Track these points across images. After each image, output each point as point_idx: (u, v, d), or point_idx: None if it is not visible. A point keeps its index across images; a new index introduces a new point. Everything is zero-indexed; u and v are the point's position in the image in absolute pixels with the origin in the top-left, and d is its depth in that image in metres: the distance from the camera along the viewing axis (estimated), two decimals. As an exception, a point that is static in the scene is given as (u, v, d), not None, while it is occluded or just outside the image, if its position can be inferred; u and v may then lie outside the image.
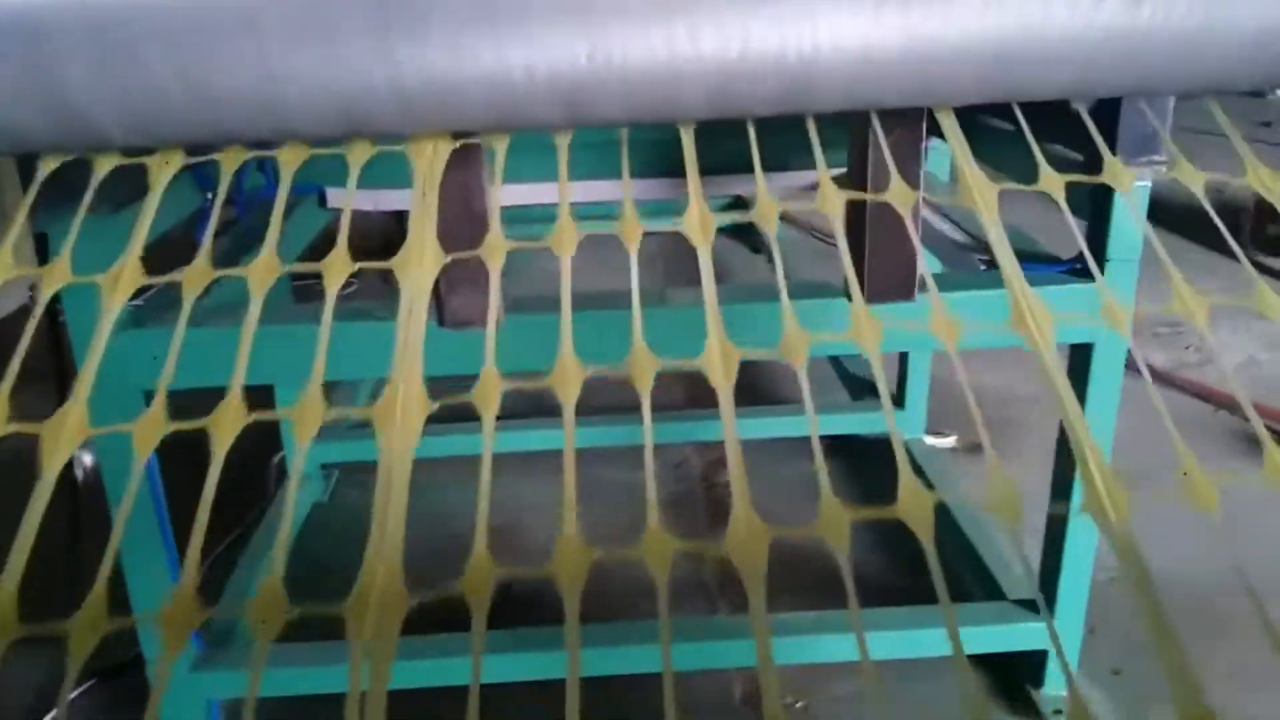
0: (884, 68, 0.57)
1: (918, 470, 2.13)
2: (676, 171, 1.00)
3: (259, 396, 0.77)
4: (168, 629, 0.54)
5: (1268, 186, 0.77)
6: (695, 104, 0.58)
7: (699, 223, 0.64)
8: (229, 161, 0.85)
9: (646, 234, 0.73)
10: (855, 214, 0.74)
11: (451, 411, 0.71)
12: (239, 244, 1.61)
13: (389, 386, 0.63)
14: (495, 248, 0.64)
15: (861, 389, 2.51)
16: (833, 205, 0.63)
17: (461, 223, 0.62)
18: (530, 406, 1.85)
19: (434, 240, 0.59)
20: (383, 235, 1.99)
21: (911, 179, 0.66)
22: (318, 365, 0.70)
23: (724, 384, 0.61)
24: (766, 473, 2.28)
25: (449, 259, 0.60)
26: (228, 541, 1.99)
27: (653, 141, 1.13)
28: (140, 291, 0.81)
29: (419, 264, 0.60)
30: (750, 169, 1.00)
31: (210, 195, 1.64)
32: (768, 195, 0.64)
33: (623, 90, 0.56)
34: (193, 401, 0.76)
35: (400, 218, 2.89)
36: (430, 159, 0.61)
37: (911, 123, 0.69)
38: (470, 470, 0.64)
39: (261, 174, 1.83)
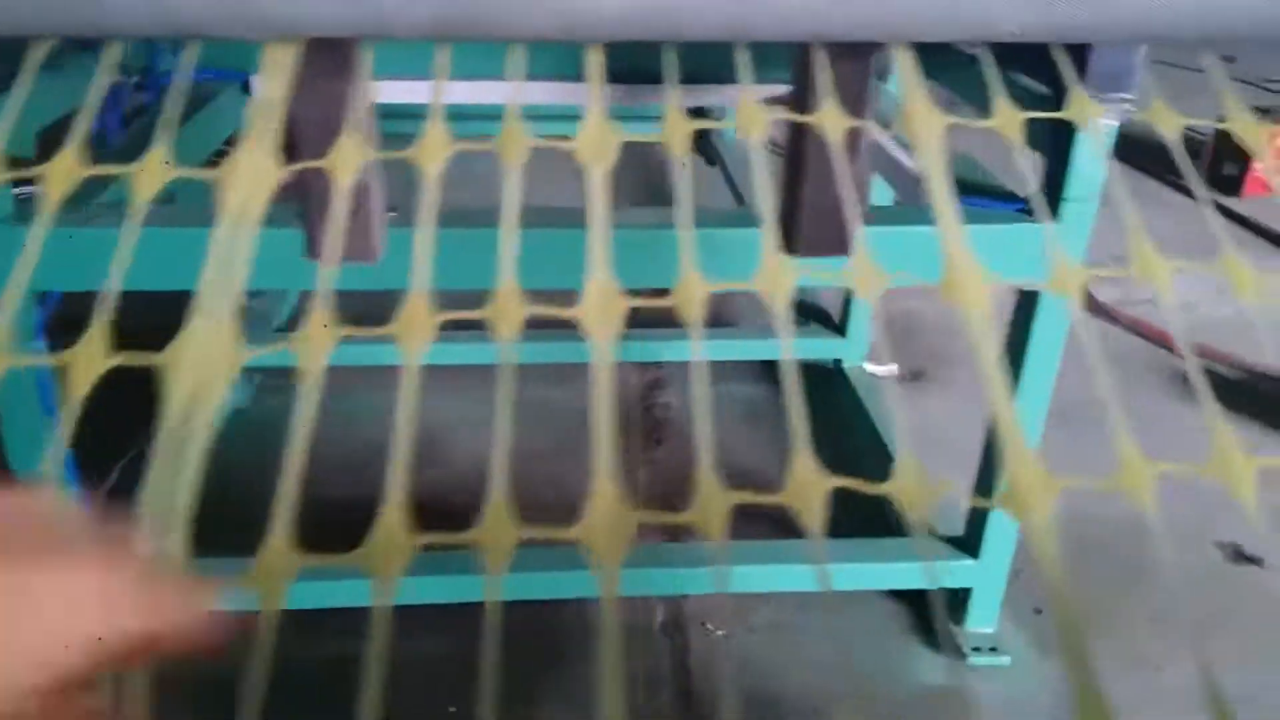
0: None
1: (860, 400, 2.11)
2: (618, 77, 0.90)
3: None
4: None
5: (1245, 134, 0.71)
6: (607, 22, 0.51)
7: (596, 139, 0.57)
8: (111, 50, 0.75)
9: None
10: (793, 151, 0.67)
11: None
12: (149, 133, 1.50)
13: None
14: (346, 156, 0.56)
15: (804, 313, 2.47)
16: (753, 128, 0.56)
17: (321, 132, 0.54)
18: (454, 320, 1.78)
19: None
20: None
21: (857, 115, 0.59)
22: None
23: (603, 331, 0.54)
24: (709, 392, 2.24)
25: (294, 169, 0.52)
26: (139, 448, 1.92)
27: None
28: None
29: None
30: (700, 80, 0.92)
31: (133, 79, 1.52)
32: (679, 113, 0.57)
33: (524, 5, 0.48)
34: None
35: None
36: (280, 62, 0.52)
37: (860, 55, 0.61)
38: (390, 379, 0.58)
39: (175, 55, 1.70)
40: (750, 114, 0.57)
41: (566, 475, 1.82)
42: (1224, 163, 3.56)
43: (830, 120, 0.58)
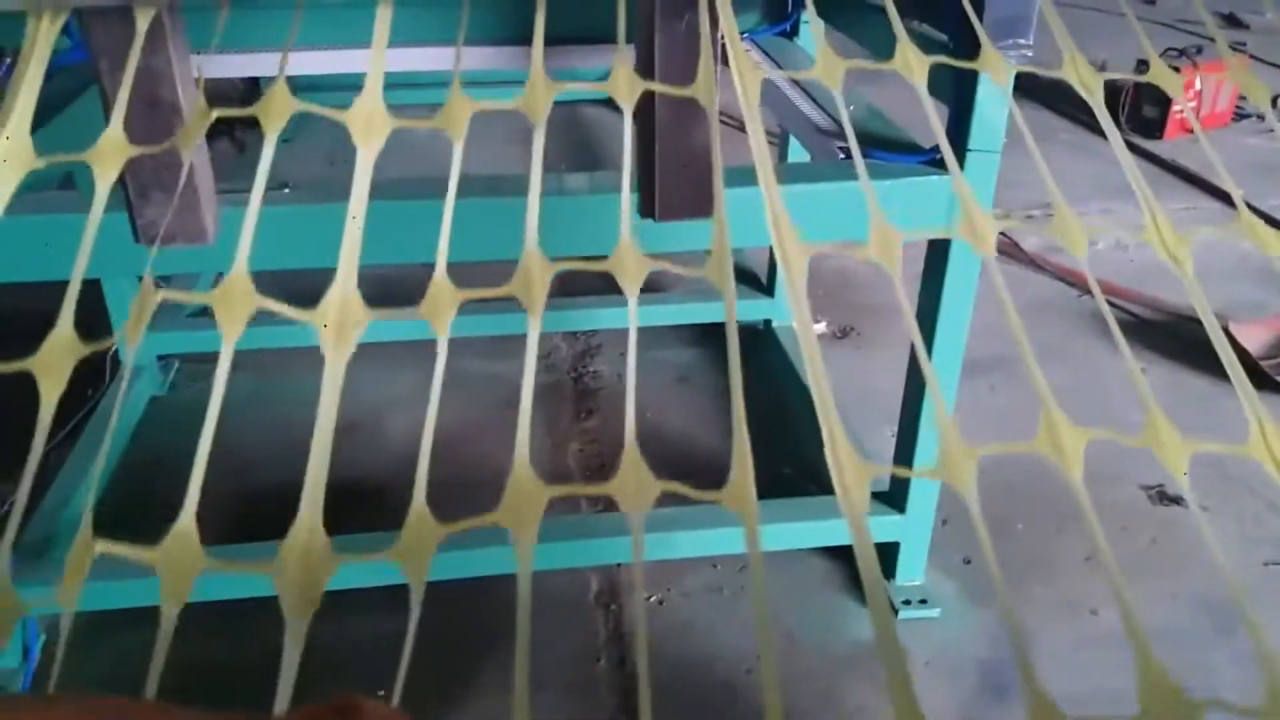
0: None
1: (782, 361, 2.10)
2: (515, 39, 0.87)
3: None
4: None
5: (1162, 79, 0.71)
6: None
7: (541, 98, 0.55)
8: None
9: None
10: (645, 110, 0.65)
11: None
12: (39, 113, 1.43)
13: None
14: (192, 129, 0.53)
15: (737, 276, 2.46)
16: (623, 93, 0.54)
17: (149, 114, 0.51)
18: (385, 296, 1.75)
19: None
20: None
21: (704, 68, 0.56)
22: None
23: (542, 285, 0.52)
24: (641, 360, 2.23)
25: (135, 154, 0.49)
26: (57, 439, 1.86)
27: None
28: None
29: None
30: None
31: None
32: (543, 78, 0.54)
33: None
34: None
35: (256, 83, 2.67)
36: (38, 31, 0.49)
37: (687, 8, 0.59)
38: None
39: (66, 36, 1.62)
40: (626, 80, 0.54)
41: (500, 450, 1.80)
42: (1144, 105, 3.60)
43: (701, 85, 0.56)
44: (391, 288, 0.85)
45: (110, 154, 0.48)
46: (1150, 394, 0.60)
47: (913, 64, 0.67)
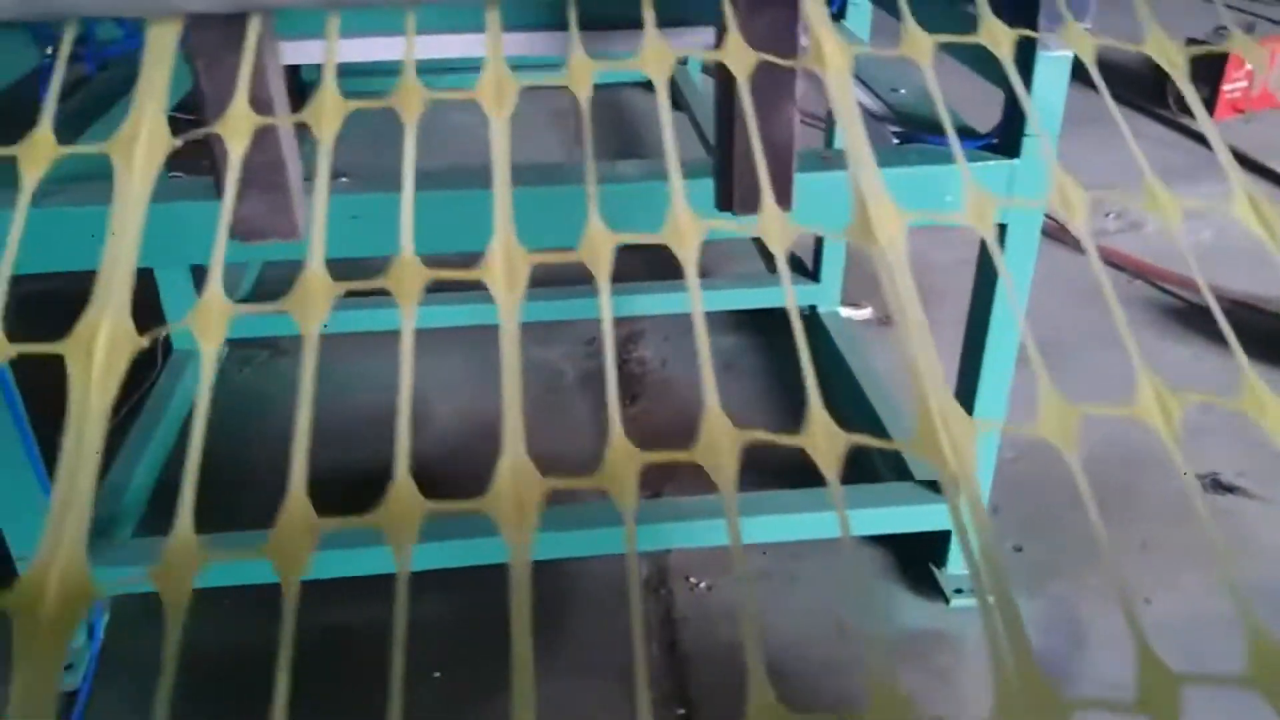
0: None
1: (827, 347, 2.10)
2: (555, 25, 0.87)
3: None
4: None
5: (1170, 60, 0.70)
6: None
7: (579, 73, 0.55)
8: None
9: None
10: (722, 107, 0.65)
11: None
12: (93, 105, 1.45)
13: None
14: (328, 112, 0.54)
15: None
16: (656, 68, 0.54)
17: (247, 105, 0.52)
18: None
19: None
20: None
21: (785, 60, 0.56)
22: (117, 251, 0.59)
23: (603, 269, 0.53)
24: (685, 345, 2.23)
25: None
26: (114, 423, 1.89)
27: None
28: None
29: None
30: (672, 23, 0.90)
31: (51, 51, 1.47)
32: (662, 46, 0.54)
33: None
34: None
35: (295, 71, 2.69)
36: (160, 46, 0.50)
37: (781, 47, 0.59)
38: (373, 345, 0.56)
39: (119, 24, 1.64)
40: (657, 54, 0.55)
41: (539, 433, 1.81)
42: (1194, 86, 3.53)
43: (751, 67, 0.56)
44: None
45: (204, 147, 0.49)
46: (1246, 363, 0.59)
47: (999, 37, 0.66)
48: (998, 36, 0.67)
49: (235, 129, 0.49)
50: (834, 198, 1.13)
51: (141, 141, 0.49)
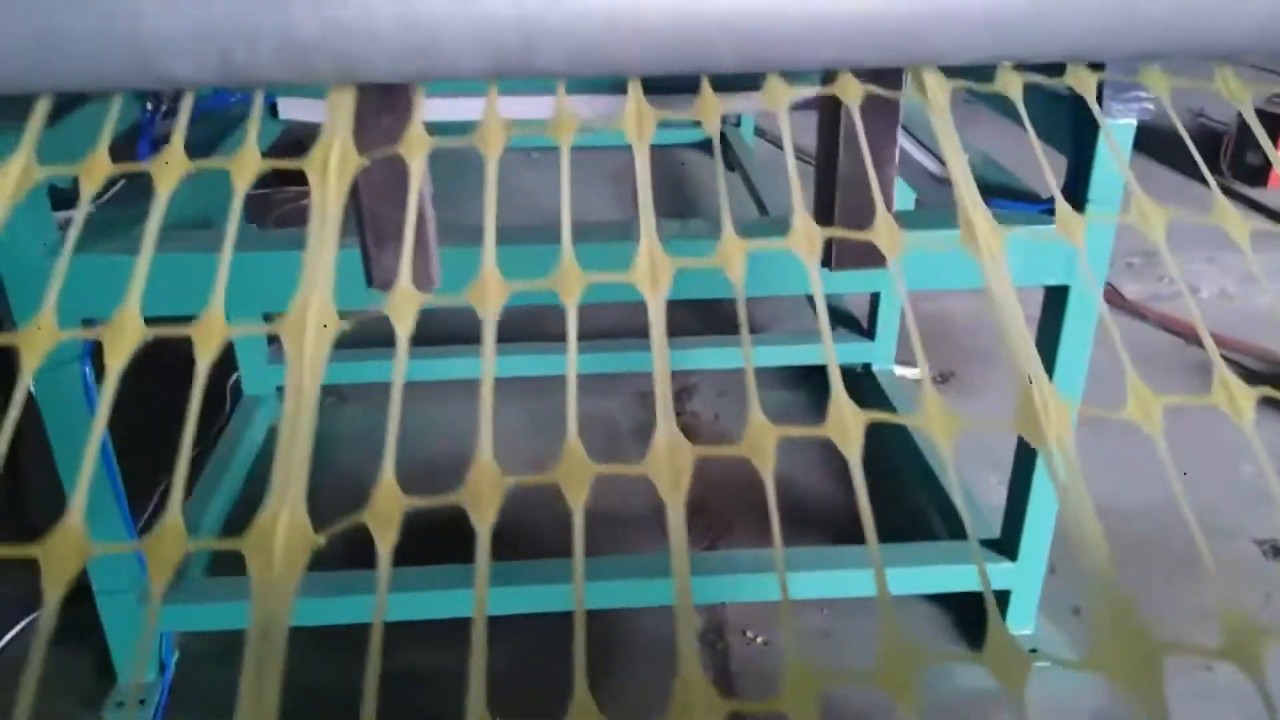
0: (863, 25, 0.52)
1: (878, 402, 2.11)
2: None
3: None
4: (154, 562, 0.50)
5: (1235, 96, 0.72)
6: (643, 60, 0.53)
7: (635, 119, 0.58)
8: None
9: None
10: (824, 166, 0.69)
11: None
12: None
13: (295, 304, 0.57)
14: (416, 142, 0.58)
15: (831, 317, 2.48)
16: (779, 107, 0.58)
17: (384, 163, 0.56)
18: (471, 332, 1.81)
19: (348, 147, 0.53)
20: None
21: (885, 156, 0.60)
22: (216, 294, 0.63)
23: (651, 295, 0.56)
24: (737, 401, 2.26)
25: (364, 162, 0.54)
26: (179, 470, 1.95)
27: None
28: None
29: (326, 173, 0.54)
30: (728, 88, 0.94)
31: (151, 107, 1.55)
32: (713, 98, 0.58)
33: (562, 44, 0.50)
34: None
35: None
36: (340, 105, 0.55)
37: (889, 75, 0.63)
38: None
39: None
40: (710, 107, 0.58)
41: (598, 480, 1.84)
42: (1247, 151, 3.54)
43: (861, 130, 0.60)
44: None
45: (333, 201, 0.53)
46: None
47: (1085, 80, 0.69)
48: (1084, 79, 0.70)
49: (376, 187, 0.54)
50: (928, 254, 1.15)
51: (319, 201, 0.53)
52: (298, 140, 0.84)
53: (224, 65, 0.52)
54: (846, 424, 0.53)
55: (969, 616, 1.65)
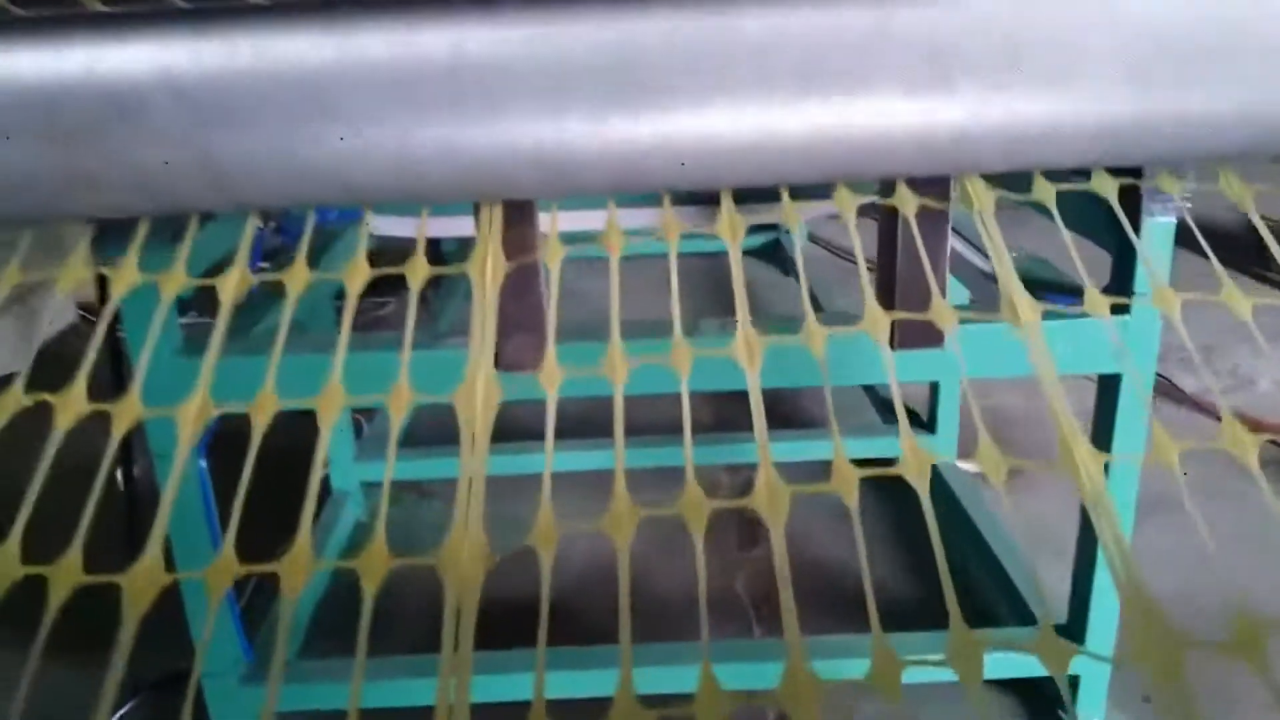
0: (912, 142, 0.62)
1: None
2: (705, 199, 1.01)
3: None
4: (211, 585, 0.60)
5: (1238, 195, 0.80)
6: (735, 175, 0.63)
7: (729, 224, 0.69)
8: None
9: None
10: (885, 258, 0.78)
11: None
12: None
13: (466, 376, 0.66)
14: (553, 249, 0.68)
15: (891, 410, 2.53)
16: (847, 215, 0.67)
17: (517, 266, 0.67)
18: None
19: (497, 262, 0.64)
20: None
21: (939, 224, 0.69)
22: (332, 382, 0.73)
23: (750, 370, 0.65)
24: (799, 496, 2.30)
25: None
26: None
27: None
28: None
29: (483, 278, 0.64)
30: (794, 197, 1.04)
31: (271, 225, 1.70)
32: (791, 207, 0.68)
33: (673, 165, 0.60)
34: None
35: (436, 244, 2.95)
36: (489, 220, 0.66)
37: (938, 192, 0.73)
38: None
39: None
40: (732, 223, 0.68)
41: (660, 571, 1.89)
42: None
43: (916, 226, 0.69)
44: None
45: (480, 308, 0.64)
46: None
47: (1107, 186, 0.78)
48: (1105, 186, 0.78)
49: (506, 284, 0.64)
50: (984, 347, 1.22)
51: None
52: (380, 251, 0.94)
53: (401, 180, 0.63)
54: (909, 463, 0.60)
55: (1036, 703, 1.66)
